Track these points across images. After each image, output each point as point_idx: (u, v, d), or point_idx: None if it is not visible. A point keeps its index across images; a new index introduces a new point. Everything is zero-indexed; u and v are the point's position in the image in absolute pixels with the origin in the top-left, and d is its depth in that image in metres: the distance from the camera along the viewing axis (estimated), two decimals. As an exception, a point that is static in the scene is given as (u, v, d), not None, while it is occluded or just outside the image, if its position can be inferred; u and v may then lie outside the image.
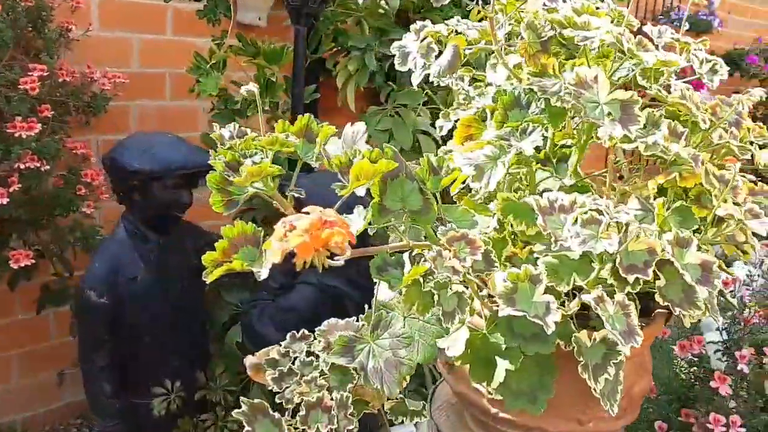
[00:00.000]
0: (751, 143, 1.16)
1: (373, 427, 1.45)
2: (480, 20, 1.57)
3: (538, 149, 1.18)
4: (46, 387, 2.52)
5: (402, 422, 1.18)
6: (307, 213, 0.80)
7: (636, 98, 1.13)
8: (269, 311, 1.75)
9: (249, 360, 1.07)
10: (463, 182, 1.20)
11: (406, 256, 1.20)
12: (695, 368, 1.47)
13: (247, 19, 2.44)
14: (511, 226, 1.23)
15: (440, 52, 1.50)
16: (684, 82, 1.20)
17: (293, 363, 1.07)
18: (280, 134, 0.96)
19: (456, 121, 1.48)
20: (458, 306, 1.08)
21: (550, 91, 1.22)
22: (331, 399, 1.03)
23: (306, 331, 1.11)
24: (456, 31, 1.54)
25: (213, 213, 0.96)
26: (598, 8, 1.33)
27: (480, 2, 1.42)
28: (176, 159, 1.78)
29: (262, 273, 0.88)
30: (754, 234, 1.06)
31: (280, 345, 1.09)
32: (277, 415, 0.98)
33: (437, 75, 1.28)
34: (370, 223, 1.09)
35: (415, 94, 2.13)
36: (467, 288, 1.09)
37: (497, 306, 1.05)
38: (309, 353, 1.09)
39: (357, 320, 1.10)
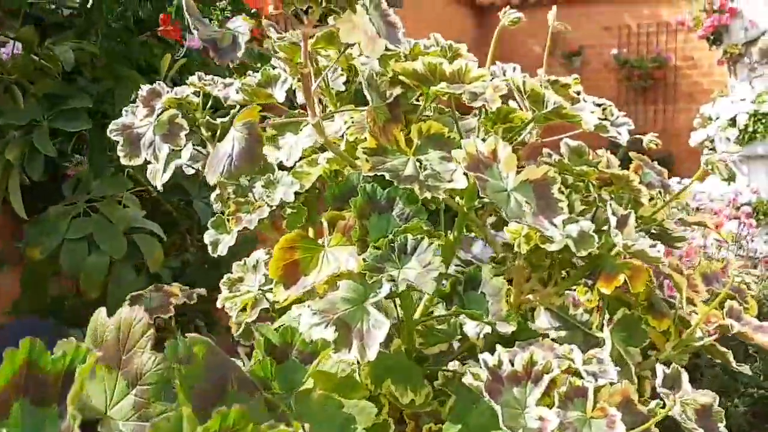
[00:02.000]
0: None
1: None
2: (239, 73, 1.07)
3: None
4: None
5: None
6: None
7: (552, 175, 0.76)
8: None
9: None
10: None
11: None
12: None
13: None
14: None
15: (192, 130, 0.99)
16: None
17: None
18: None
19: (243, 231, 0.97)
20: None
21: (404, 176, 0.79)
22: None
23: None
24: (205, 94, 1.03)
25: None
26: (427, 47, 0.94)
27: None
28: None
29: None
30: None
31: None
32: None
33: (225, 176, 0.76)
34: None
35: (119, 181, 1.52)
36: None
37: None
38: None
39: None
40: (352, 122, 0.88)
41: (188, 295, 1.31)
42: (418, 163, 0.81)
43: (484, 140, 0.74)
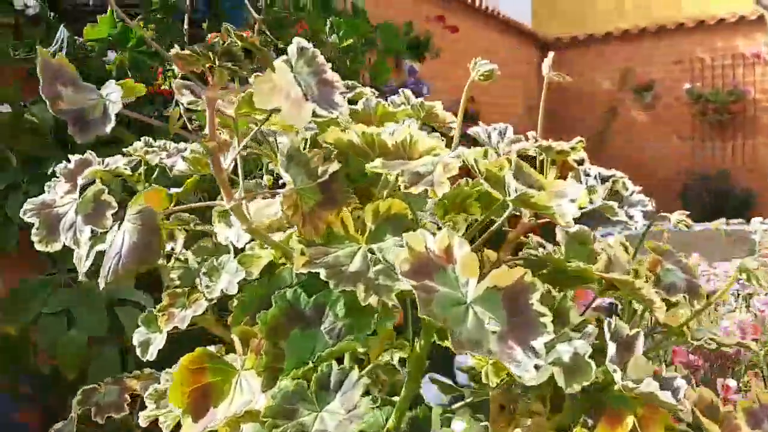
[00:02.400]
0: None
1: None
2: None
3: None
4: None
5: None
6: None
7: (530, 280, 0.57)
8: None
9: None
10: None
11: None
12: None
13: None
14: None
15: (121, 207, 0.84)
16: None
17: None
18: None
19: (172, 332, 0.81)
20: None
21: (347, 273, 0.61)
22: None
23: None
24: (146, 163, 0.89)
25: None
26: (396, 105, 0.77)
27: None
28: None
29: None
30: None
31: None
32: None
33: (111, 278, 0.60)
34: None
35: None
36: None
37: None
38: None
39: None
40: (295, 202, 0.71)
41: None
42: (370, 254, 0.63)
43: (435, 234, 0.55)
